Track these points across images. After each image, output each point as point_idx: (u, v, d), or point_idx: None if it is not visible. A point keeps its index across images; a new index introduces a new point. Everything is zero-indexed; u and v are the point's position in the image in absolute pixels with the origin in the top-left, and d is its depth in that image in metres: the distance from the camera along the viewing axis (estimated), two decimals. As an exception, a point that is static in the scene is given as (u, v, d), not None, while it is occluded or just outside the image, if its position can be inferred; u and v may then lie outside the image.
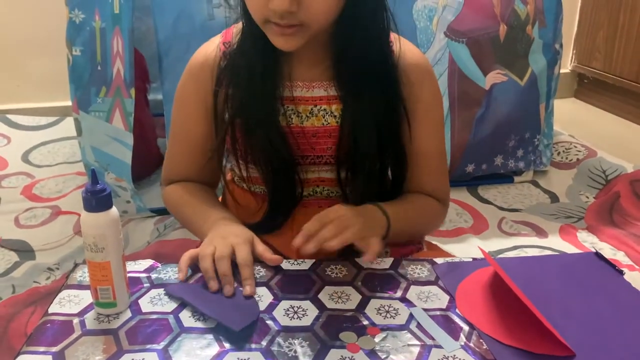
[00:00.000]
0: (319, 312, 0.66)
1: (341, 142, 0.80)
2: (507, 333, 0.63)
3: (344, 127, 0.79)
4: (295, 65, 0.79)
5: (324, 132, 0.81)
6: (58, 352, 0.60)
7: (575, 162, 1.69)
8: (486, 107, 1.52)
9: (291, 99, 0.80)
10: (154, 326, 0.64)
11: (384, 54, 0.78)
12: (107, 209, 0.64)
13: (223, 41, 0.82)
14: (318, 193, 0.86)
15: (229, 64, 0.79)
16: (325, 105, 0.80)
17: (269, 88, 0.78)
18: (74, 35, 1.30)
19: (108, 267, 0.65)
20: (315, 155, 0.82)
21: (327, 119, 0.80)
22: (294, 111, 0.80)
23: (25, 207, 1.47)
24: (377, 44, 0.77)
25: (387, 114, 0.79)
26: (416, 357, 0.60)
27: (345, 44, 0.75)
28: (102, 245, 0.64)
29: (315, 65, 0.79)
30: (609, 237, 1.32)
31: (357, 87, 0.78)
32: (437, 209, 0.88)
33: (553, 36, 1.58)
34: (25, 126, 1.98)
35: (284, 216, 0.84)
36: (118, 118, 1.33)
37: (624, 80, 2.16)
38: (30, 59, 2.03)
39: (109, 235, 0.64)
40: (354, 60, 0.77)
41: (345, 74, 0.78)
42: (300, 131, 0.80)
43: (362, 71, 0.77)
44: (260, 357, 0.59)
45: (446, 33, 1.48)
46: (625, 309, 0.69)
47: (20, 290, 1.12)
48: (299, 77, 0.80)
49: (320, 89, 0.80)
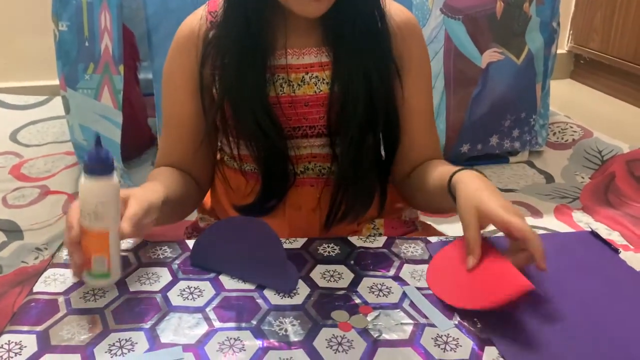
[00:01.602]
0: (311, 291, 0.65)
1: (331, 107, 0.77)
2: (473, 298, 0.63)
3: (333, 92, 0.77)
4: (285, 32, 0.77)
5: (316, 100, 0.78)
6: (42, 332, 0.59)
7: (571, 142, 1.69)
8: (482, 86, 1.50)
9: (282, 67, 0.77)
10: (141, 305, 0.63)
11: (375, 16, 0.77)
12: (110, 175, 0.62)
13: (209, 10, 0.79)
14: (310, 170, 0.83)
15: (215, 36, 0.77)
16: (317, 72, 0.78)
17: (259, 58, 0.75)
18: (60, 9, 1.27)
19: (106, 237, 0.62)
20: (308, 125, 0.79)
21: (320, 86, 0.78)
22: (285, 80, 0.78)
23: (14, 186, 1.45)
24: (369, 7, 0.76)
25: (379, 77, 0.77)
26: (409, 335, 0.59)
27: (337, 8, 0.73)
28: (103, 213, 0.61)
29: (306, 32, 0.77)
30: (604, 217, 1.32)
31: (348, 51, 0.76)
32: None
33: (551, 14, 1.56)
34: (13, 105, 1.94)
35: (278, 197, 0.82)
36: (107, 95, 1.30)
37: (620, 61, 2.14)
38: (18, 36, 2.00)
39: (110, 203, 0.62)
40: (346, 24, 0.75)
41: (336, 37, 0.76)
42: (291, 101, 0.78)
43: (354, 34, 0.75)
44: (250, 336, 0.58)
45: (442, 10, 1.45)
46: (621, 287, 0.69)
47: (8, 271, 1.11)
48: (290, 44, 0.77)
49: (311, 56, 0.78)
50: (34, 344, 0.57)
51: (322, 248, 0.73)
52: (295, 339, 0.58)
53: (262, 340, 0.57)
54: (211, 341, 0.57)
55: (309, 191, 0.83)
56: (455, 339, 0.58)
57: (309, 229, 0.82)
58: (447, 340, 0.58)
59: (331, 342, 0.57)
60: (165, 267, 0.70)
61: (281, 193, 0.82)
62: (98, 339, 0.58)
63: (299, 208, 0.83)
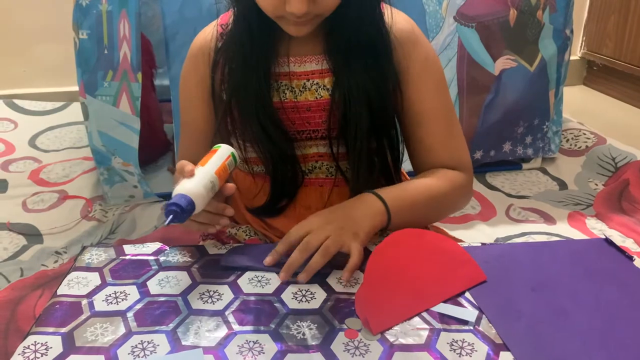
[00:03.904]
0: (327, 296, 0.66)
1: (331, 114, 0.79)
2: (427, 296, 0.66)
3: (334, 99, 0.79)
4: (287, 41, 0.80)
5: (317, 105, 0.81)
6: (67, 333, 0.61)
7: (585, 149, 1.68)
8: (495, 93, 1.51)
9: (285, 74, 0.80)
10: (162, 308, 0.64)
11: (376, 25, 0.78)
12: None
13: (220, 23, 0.83)
14: (317, 169, 0.85)
15: (223, 45, 0.81)
16: (318, 79, 0.80)
17: (262, 65, 0.78)
18: (80, 18, 1.29)
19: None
20: (311, 129, 0.82)
21: (320, 92, 0.80)
22: (287, 86, 0.81)
23: (33, 191, 1.47)
24: (370, 17, 0.77)
25: (378, 86, 0.78)
26: (425, 340, 0.60)
27: (339, 18, 0.75)
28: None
29: (307, 40, 0.79)
30: (617, 224, 1.32)
31: (348, 60, 0.78)
32: (457, 180, 0.82)
33: (564, 22, 1.56)
34: (32, 111, 1.98)
35: (289, 198, 0.84)
36: (125, 102, 1.33)
37: (634, 67, 2.13)
38: (37, 44, 2.03)
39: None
40: (347, 34, 0.76)
41: (337, 47, 0.78)
42: (294, 106, 0.81)
43: (354, 43, 0.77)
44: (269, 339, 0.59)
45: (456, 17, 1.46)
46: (635, 295, 0.69)
47: (29, 274, 1.13)
48: (291, 52, 0.81)
49: (312, 63, 0.81)
50: (60, 345, 0.59)
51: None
52: (313, 343, 0.59)
53: (280, 344, 0.59)
54: (231, 344, 0.59)
55: (318, 191, 0.85)
56: (470, 343, 0.59)
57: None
58: (462, 345, 0.59)
59: (348, 345, 0.59)
60: (185, 270, 0.71)
61: (291, 193, 0.85)
62: (121, 340, 0.59)
63: (308, 207, 0.85)
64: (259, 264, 0.71)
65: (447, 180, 0.81)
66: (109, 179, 1.39)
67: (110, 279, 0.70)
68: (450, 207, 0.87)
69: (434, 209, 0.83)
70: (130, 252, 0.75)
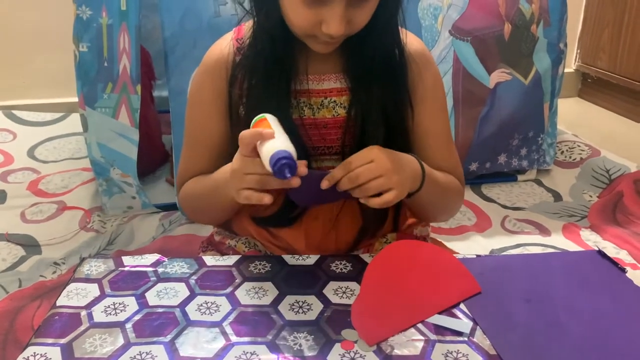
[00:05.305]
0: (324, 307, 0.67)
1: (347, 132, 0.81)
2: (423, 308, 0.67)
3: (350, 118, 0.81)
4: (306, 59, 0.81)
5: (334, 123, 0.82)
6: (66, 344, 0.61)
7: (579, 161, 1.70)
8: (490, 106, 1.52)
9: (304, 91, 0.81)
10: (160, 319, 0.65)
11: (394, 49, 0.80)
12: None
13: (236, 37, 0.83)
14: None
15: (243, 60, 0.81)
16: (335, 97, 0.82)
17: (283, 82, 0.79)
18: (81, 31, 1.31)
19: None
20: (326, 146, 0.83)
21: (337, 110, 0.82)
22: (306, 103, 0.82)
23: (31, 202, 1.48)
24: (389, 40, 0.79)
25: (394, 105, 0.81)
26: (420, 351, 0.60)
27: (359, 39, 0.76)
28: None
29: (327, 58, 0.81)
30: (612, 235, 1.33)
31: (367, 80, 0.79)
32: (458, 185, 0.88)
33: (558, 35, 1.58)
34: (31, 122, 1.99)
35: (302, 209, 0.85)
36: (124, 114, 1.34)
37: (628, 80, 2.16)
38: (36, 55, 2.05)
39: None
40: (366, 56, 0.78)
41: (356, 66, 0.80)
42: (312, 122, 0.82)
43: (372, 65, 0.78)
44: (266, 351, 0.60)
45: (451, 31, 1.48)
46: (628, 306, 0.70)
47: (27, 284, 1.13)
48: (310, 70, 0.81)
49: (330, 82, 0.82)
50: (59, 356, 0.60)
51: (334, 265, 0.76)
52: (310, 354, 0.60)
53: (277, 355, 0.59)
54: (228, 355, 0.60)
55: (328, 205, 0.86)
56: (465, 354, 0.60)
57: (324, 239, 0.84)
58: (457, 356, 0.60)
59: (344, 357, 0.59)
60: (183, 282, 0.72)
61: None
62: (120, 351, 0.60)
63: (316, 218, 0.85)
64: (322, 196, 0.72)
65: (454, 181, 0.87)
66: (107, 190, 1.40)
67: (109, 290, 0.71)
68: (451, 206, 0.91)
69: (446, 199, 0.87)
70: (129, 264, 0.76)
